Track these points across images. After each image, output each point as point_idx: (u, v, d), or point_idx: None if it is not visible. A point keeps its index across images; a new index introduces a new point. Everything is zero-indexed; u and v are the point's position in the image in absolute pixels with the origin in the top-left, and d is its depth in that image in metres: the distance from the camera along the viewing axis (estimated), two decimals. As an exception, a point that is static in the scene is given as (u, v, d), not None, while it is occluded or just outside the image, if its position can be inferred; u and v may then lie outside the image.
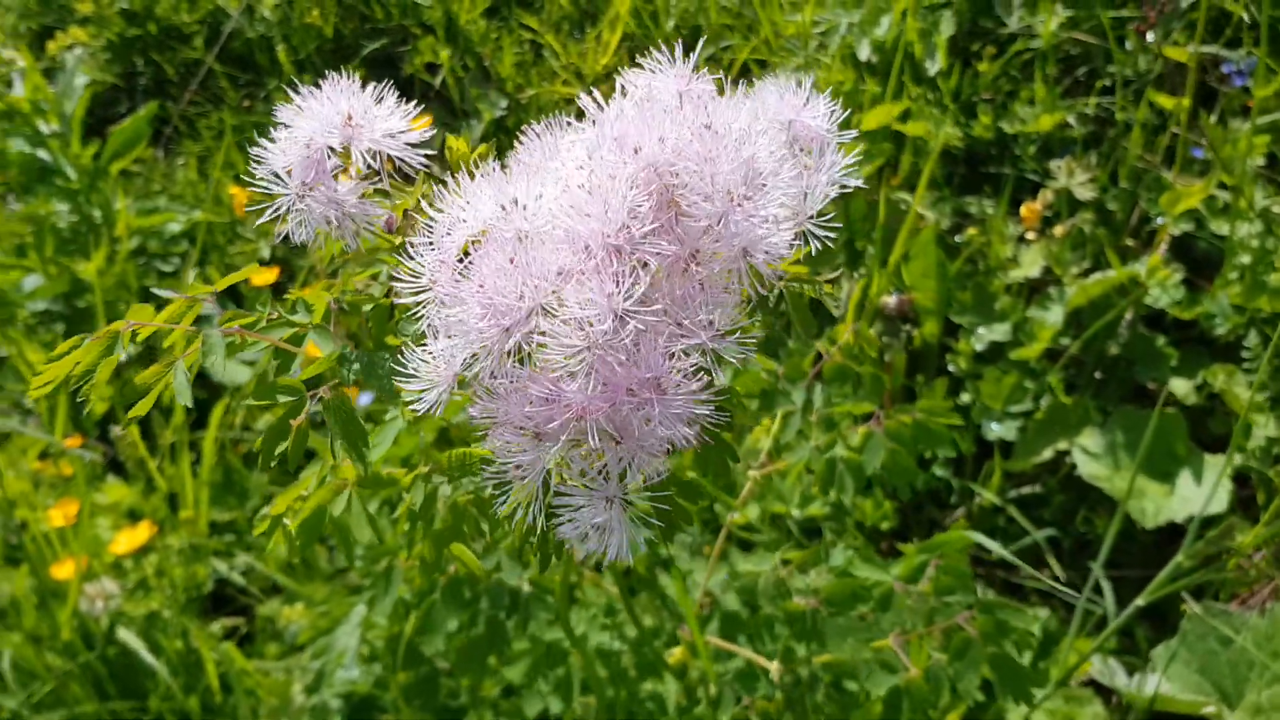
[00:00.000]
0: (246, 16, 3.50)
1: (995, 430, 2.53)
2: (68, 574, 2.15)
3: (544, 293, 0.71)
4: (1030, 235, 2.74)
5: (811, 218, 0.83)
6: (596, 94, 0.82)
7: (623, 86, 0.86)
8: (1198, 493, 2.37)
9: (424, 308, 0.77)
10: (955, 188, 2.94)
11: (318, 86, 0.93)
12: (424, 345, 0.79)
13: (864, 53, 2.96)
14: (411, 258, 0.79)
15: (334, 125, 0.89)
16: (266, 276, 2.65)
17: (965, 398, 2.59)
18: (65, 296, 2.93)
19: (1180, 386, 2.51)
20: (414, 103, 0.94)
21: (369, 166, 0.90)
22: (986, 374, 2.55)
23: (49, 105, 2.83)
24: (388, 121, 0.90)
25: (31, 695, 2.14)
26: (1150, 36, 2.77)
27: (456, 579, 1.56)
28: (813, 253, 0.83)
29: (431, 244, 0.79)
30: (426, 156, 0.93)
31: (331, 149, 0.90)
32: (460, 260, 0.76)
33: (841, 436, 1.69)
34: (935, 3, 3.01)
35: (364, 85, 0.94)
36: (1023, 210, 2.71)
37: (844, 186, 0.86)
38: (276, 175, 0.90)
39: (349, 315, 0.96)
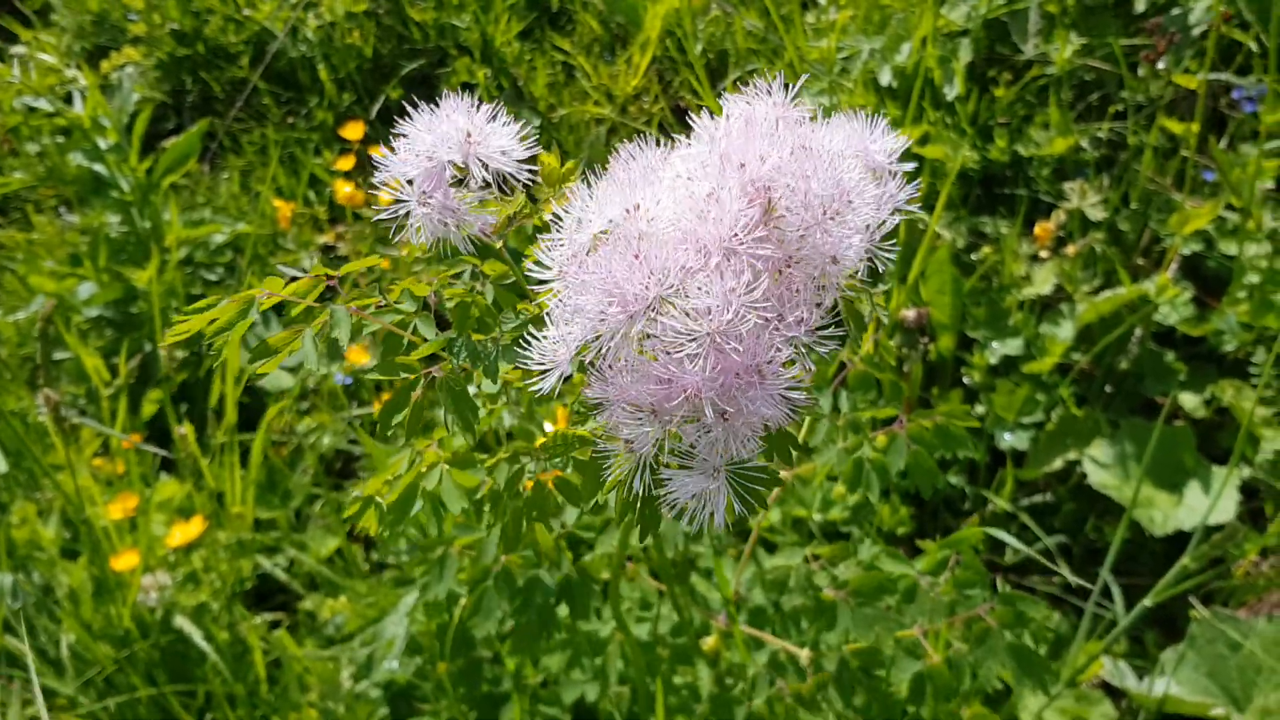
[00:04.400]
0: (290, 37, 3.64)
1: (1008, 440, 2.63)
2: (129, 565, 2.27)
3: (667, 285, 0.81)
4: (1043, 254, 2.84)
5: (875, 241, 0.94)
6: (706, 114, 0.94)
7: (726, 111, 0.97)
8: (1205, 503, 2.46)
9: (545, 297, 0.88)
10: (971, 208, 3.05)
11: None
12: (540, 334, 0.89)
13: (885, 78, 3.07)
14: (532, 258, 0.90)
15: (454, 141, 0.99)
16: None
17: (979, 409, 2.69)
18: (117, 303, 3.06)
19: (1189, 400, 2.61)
20: (521, 125, 1.04)
21: (483, 181, 1.00)
22: (1000, 386, 2.65)
23: (109, 122, 2.97)
24: (500, 140, 1.01)
25: (90, 680, 2.26)
26: (1161, 64, 2.88)
27: (508, 568, 1.67)
28: (879, 270, 0.94)
29: (560, 241, 0.89)
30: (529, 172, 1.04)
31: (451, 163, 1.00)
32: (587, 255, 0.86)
33: (867, 439, 1.79)
34: (954, 30, 3.13)
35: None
36: (1036, 229, 2.82)
37: (903, 212, 0.98)
38: (396, 181, 1.00)
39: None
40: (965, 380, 2.74)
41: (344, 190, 3.14)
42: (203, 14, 3.77)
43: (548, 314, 0.88)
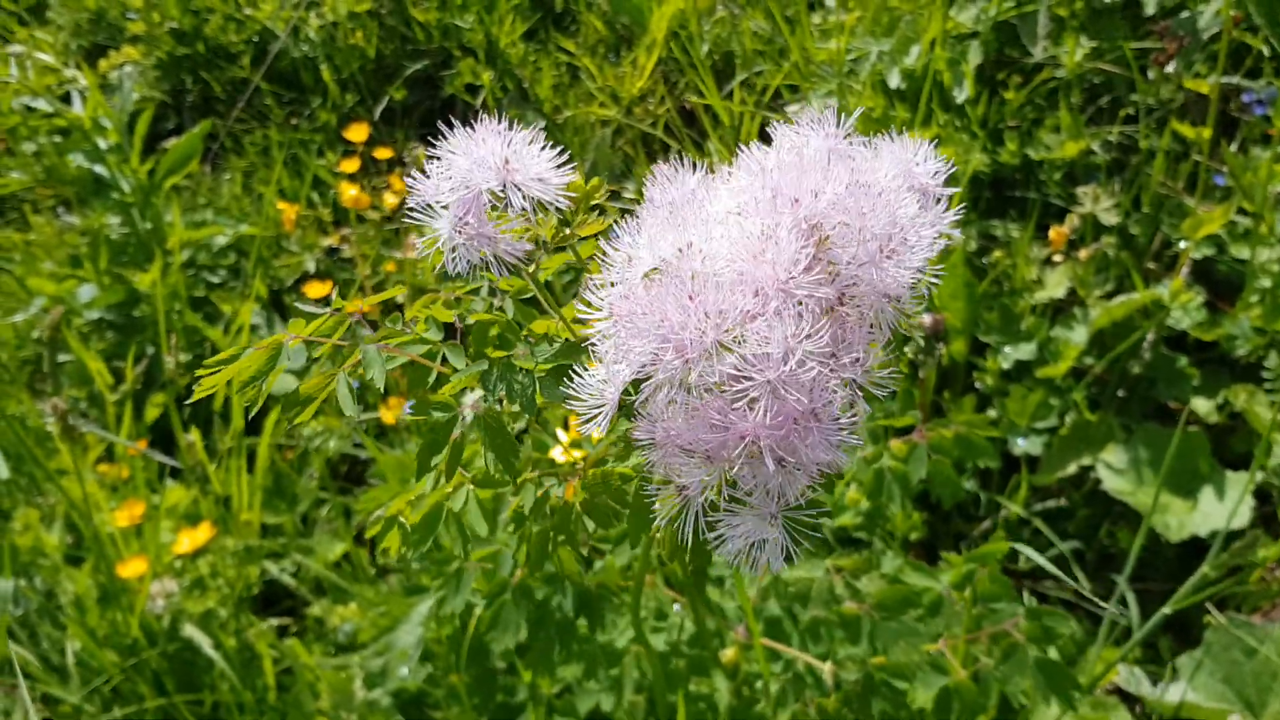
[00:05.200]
0: (292, 37, 3.60)
1: (1021, 445, 2.62)
2: (136, 572, 2.24)
3: (723, 330, 0.78)
4: (1055, 258, 2.83)
5: (922, 267, 0.91)
6: (755, 146, 0.91)
7: (776, 143, 0.94)
8: (1220, 508, 2.45)
9: (596, 336, 0.85)
10: (981, 212, 3.03)
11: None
12: (587, 371, 0.86)
13: (894, 80, 3.06)
14: (587, 290, 0.87)
15: (491, 167, 0.95)
16: (320, 290, 2.75)
17: (992, 414, 2.67)
18: (119, 306, 3.02)
19: (1202, 405, 2.60)
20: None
21: (522, 207, 0.96)
22: (1013, 391, 2.63)
23: (110, 122, 2.93)
24: (538, 165, 0.97)
25: (96, 689, 2.23)
26: (1172, 67, 2.87)
27: (526, 582, 1.64)
28: (925, 294, 0.91)
29: (609, 281, 0.86)
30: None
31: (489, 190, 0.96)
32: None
33: (886, 448, 1.77)
34: (963, 33, 3.11)
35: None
36: (1051, 233, 2.80)
37: (949, 236, 0.95)
38: (429, 207, 0.97)
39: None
40: (978, 385, 2.73)
41: (349, 192, 3.11)
42: (202, 12, 3.73)
43: (591, 347, 0.85)
